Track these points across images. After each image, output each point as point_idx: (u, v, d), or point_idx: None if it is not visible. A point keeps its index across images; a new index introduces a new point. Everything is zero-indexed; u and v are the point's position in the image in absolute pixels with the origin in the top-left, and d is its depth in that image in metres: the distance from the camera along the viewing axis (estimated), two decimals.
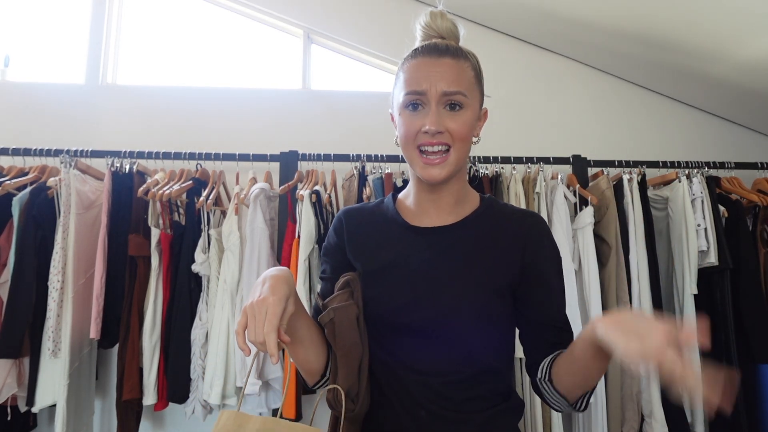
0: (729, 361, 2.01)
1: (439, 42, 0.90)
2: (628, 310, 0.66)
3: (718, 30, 2.14)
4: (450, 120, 0.85)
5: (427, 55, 0.87)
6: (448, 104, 0.85)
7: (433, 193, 0.92)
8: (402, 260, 0.91)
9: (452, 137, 0.85)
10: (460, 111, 0.86)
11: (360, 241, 0.96)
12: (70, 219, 1.97)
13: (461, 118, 0.85)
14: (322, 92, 2.76)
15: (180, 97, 2.65)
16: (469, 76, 0.88)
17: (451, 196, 0.92)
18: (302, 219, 1.98)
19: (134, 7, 2.86)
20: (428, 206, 0.94)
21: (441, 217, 0.93)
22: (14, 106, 2.58)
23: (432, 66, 0.86)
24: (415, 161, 0.87)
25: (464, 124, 0.85)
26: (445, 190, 0.92)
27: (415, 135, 0.85)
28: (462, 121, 0.85)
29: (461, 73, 0.86)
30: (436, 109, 0.84)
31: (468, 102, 0.86)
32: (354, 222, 0.99)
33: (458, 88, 0.85)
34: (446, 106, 0.85)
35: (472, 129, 0.88)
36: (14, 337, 1.86)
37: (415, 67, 0.87)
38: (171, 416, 2.35)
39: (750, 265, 2.07)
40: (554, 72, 2.77)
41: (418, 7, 2.77)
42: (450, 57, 0.87)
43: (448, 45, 0.89)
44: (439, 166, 0.85)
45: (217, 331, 1.97)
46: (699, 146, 2.71)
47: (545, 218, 2.07)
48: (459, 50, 0.89)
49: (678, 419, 1.98)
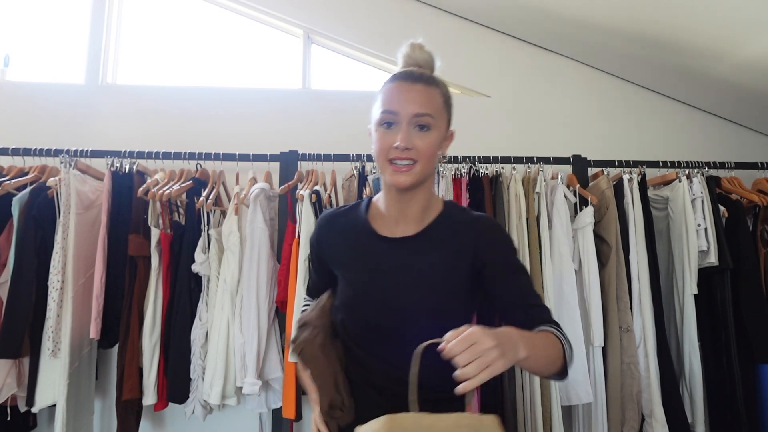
0: (729, 361, 2.01)
1: (415, 70, 1.02)
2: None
3: (719, 30, 2.14)
4: (418, 138, 0.97)
5: (402, 80, 1.00)
6: (418, 125, 0.97)
7: (400, 202, 1.04)
8: (372, 268, 1.04)
9: (419, 153, 0.96)
10: (427, 131, 0.98)
11: (334, 250, 1.10)
12: (70, 219, 1.96)
13: (428, 138, 0.98)
14: (322, 92, 2.76)
15: (180, 97, 2.65)
16: (438, 101, 1.00)
17: (417, 205, 1.04)
18: (302, 219, 1.98)
19: (134, 7, 2.86)
20: (397, 214, 1.05)
21: (408, 225, 1.05)
22: (14, 106, 2.58)
23: (406, 90, 0.98)
24: (385, 170, 0.99)
25: (430, 144, 0.98)
26: (413, 199, 1.03)
27: (388, 149, 0.97)
28: (429, 140, 0.97)
29: (431, 98, 0.99)
30: (407, 128, 0.96)
31: (435, 124, 0.98)
32: (328, 232, 1.12)
33: (427, 111, 0.97)
34: (416, 126, 0.97)
35: (437, 148, 1.00)
36: (14, 337, 1.86)
37: (391, 90, 0.99)
38: (171, 416, 2.35)
39: (750, 265, 2.07)
40: (554, 72, 2.77)
41: (417, 7, 2.78)
42: (422, 84, 0.99)
43: (422, 73, 1.01)
44: (405, 174, 0.97)
45: (217, 331, 1.97)
46: (699, 146, 2.71)
47: (545, 218, 2.08)
48: (431, 78, 1.02)
49: (678, 419, 1.98)
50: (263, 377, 1.95)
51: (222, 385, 1.93)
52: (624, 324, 2.01)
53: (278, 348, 2.01)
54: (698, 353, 2.05)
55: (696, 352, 2.04)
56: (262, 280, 1.96)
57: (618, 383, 1.98)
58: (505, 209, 2.10)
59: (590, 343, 2.01)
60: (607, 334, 2.01)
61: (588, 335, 2.01)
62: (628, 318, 2.02)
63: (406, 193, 1.02)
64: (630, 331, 2.01)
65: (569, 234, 2.07)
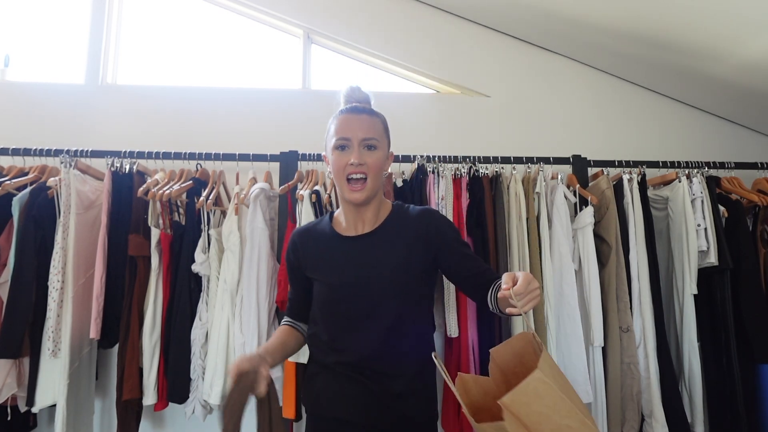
0: (729, 361, 2.01)
1: (358, 105, 1.26)
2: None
3: (719, 30, 2.14)
4: (368, 156, 1.21)
5: (350, 113, 1.24)
6: (366, 145, 1.21)
7: (357, 211, 1.27)
8: (341, 263, 1.26)
9: (369, 168, 1.21)
10: (374, 151, 1.22)
11: (309, 256, 1.31)
12: (70, 219, 1.96)
13: (375, 156, 1.22)
14: (322, 92, 2.75)
15: (180, 97, 2.65)
16: (380, 128, 1.25)
17: (369, 211, 1.27)
18: (302, 219, 1.98)
19: (134, 7, 2.86)
20: (354, 220, 1.29)
21: (365, 225, 1.28)
22: (14, 106, 2.58)
23: (354, 120, 1.22)
24: (344, 188, 1.22)
25: (378, 160, 1.22)
26: (365, 209, 1.27)
27: (344, 167, 1.21)
28: (376, 157, 1.22)
29: (374, 125, 1.24)
30: (358, 148, 1.20)
31: (379, 145, 1.23)
32: (301, 243, 1.33)
33: (373, 135, 1.22)
34: (365, 147, 1.21)
35: (383, 164, 1.24)
36: (14, 337, 1.86)
37: (342, 121, 1.23)
38: (171, 416, 2.35)
39: (750, 265, 2.07)
40: (554, 72, 2.77)
41: (417, 7, 2.78)
42: (366, 114, 1.24)
43: (365, 107, 1.27)
44: (359, 192, 1.21)
45: (217, 331, 1.97)
46: (699, 146, 2.71)
47: (545, 218, 2.08)
48: (372, 110, 1.27)
49: (678, 419, 1.98)
50: None
51: (222, 385, 1.93)
52: (624, 324, 2.02)
53: None
54: (698, 353, 2.05)
55: (696, 352, 2.04)
56: (262, 280, 1.96)
57: (618, 383, 1.99)
58: (505, 209, 2.10)
59: (590, 343, 2.01)
60: (607, 334, 2.01)
61: (588, 335, 2.01)
62: (628, 318, 2.02)
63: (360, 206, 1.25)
64: (630, 331, 2.01)
65: (569, 234, 2.07)
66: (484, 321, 2.00)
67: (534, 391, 0.86)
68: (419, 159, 2.19)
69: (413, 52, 2.76)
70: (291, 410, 1.93)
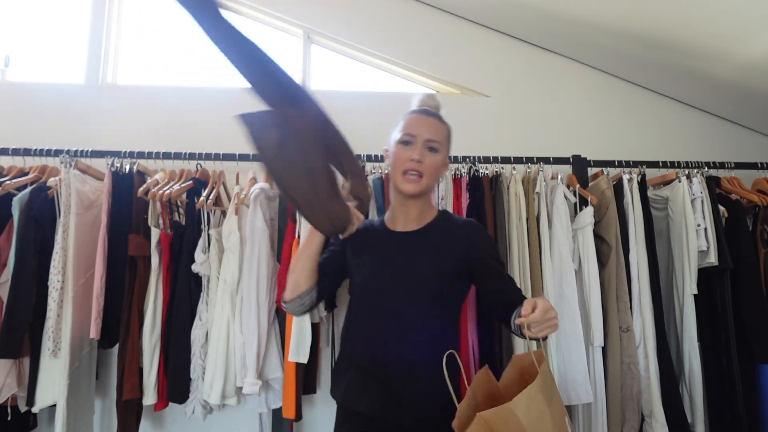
0: (729, 361, 2.01)
1: (429, 108, 1.35)
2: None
3: (719, 30, 2.14)
4: (428, 157, 1.29)
5: (421, 114, 1.33)
6: (429, 147, 1.29)
7: (405, 205, 1.35)
8: (382, 254, 1.33)
9: (426, 168, 1.28)
10: (435, 153, 1.30)
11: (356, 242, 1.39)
12: (70, 219, 1.96)
13: (435, 158, 1.30)
14: (322, 92, 2.73)
15: (180, 97, 2.65)
16: (444, 134, 1.33)
17: (416, 208, 1.35)
18: (302, 219, 1.98)
19: (134, 7, 2.86)
20: (402, 215, 1.36)
21: (409, 223, 1.36)
22: (14, 106, 2.58)
23: (423, 120, 1.31)
24: (398, 179, 1.30)
25: (436, 162, 1.30)
26: (412, 204, 1.34)
27: (404, 161, 1.28)
28: (435, 160, 1.30)
29: (440, 130, 1.32)
30: (421, 148, 1.28)
31: (441, 149, 1.31)
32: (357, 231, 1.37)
33: (437, 138, 1.30)
34: (427, 148, 1.29)
35: (439, 168, 1.32)
36: (14, 337, 1.86)
37: (411, 119, 1.32)
38: (171, 416, 2.35)
39: (750, 265, 2.07)
40: (554, 72, 2.77)
41: (417, 7, 2.78)
42: (435, 118, 1.33)
43: (435, 112, 1.36)
44: (413, 183, 1.28)
45: (217, 331, 1.97)
46: (699, 146, 2.71)
47: (545, 218, 2.08)
48: (441, 117, 1.36)
49: (678, 419, 1.98)
50: (263, 377, 1.95)
51: (222, 385, 1.93)
52: (624, 324, 2.02)
53: (278, 348, 2.01)
54: (698, 353, 2.05)
55: (696, 352, 2.04)
56: (262, 280, 1.96)
57: (618, 383, 1.99)
58: (505, 209, 2.10)
59: (590, 343, 2.01)
60: (607, 334, 2.01)
61: (588, 335, 2.01)
62: (628, 318, 2.02)
63: (409, 199, 1.32)
64: (630, 331, 2.01)
65: (569, 234, 2.07)
66: (484, 321, 2.00)
67: (504, 419, 0.99)
68: None
69: (413, 52, 2.76)
70: (291, 410, 1.93)
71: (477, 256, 1.29)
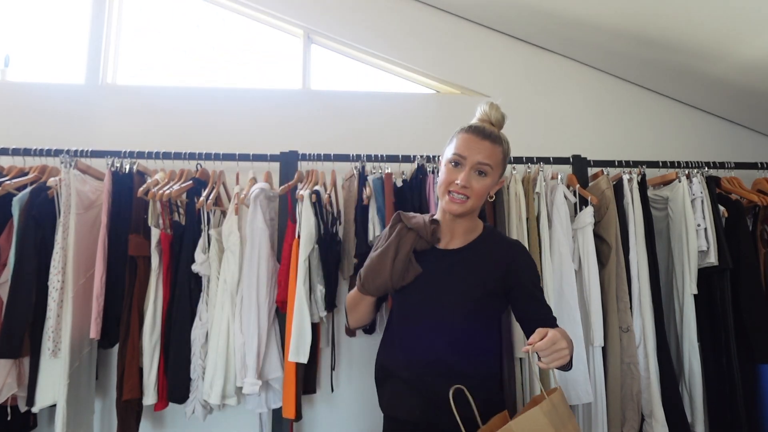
0: (729, 361, 2.01)
1: (486, 127, 1.30)
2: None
3: (718, 29, 2.14)
4: (475, 181, 1.26)
5: (475, 134, 1.28)
6: (478, 170, 1.26)
7: (451, 222, 1.34)
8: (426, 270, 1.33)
9: (473, 192, 1.26)
10: (484, 177, 1.27)
11: None
12: (70, 219, 1.96)
13: (483, 182, 1.27)
14: (322, 92, 2.76)
15: (180, 97, 2.65)
16: (498, 157, 1.29)
17: (462, 226, 1.34)
18: (302, 219, 1.98)
19: (134, 7, 2.86)
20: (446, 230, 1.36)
21: (454, 241, 1.36)
22: (14, 106, 2.58)
23: (475, 142, 1.27)
24: (443, 198, 1.30)
25: (484, 186, 1.28)
26: (458, 222, 1.34)
27: (450, 183, 1.27)
28: (483, 184, 1.27)
29: (494, 153, 1.28)
30: (469, 171, 1.25)
31: (491, 173, 1.28)
32: None
33: (488, 162, 1.26)
34: (476, 171, 1.26)
35: (488, 191, 1.30)
36: (14, 337, 1.86)
37: (464, 139, 1.28)
38: (171, 416, 2.35)
39: (750, 265, 2.07)
40: (554, 72, 2.77)
41: (417, 7, 2.78)
42: (490, 141, 1.28)
43: (492, 132, 1.29)
44: (458, 204, 1.27)
45: (217, 331, 1.97)
46: (699, 146, 2.71)
47: (545, 218, 2.08)
48: (497, 137, 1.30)
49: (678, 419, 1.98)
50: (263, 377, 1.95)
51: (222, 385, 1.93)
52: (624, 324, 2.02)
53: (278, 348, 2.01)
54: (698, 353, 2.05)
55: (696, 352, 2.04)
56: (262, 280, 1.96)
57: (618, 383, 1.99)
58: (505, 209, 2.10)
59: (590, 343, 2.01)
60: (607, 334, 2.01)
61: (588, 335, 2.01)
62: (628, 318, 2.02)
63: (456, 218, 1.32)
64: (630, 331, 2.01)
65: (569, 234, 2.07)
66: None
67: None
68: (419, 159, 2.19)
69: (413, 52, 2.76)
70: (291, 410, 1.93)
71: (517, 279, 1.30)
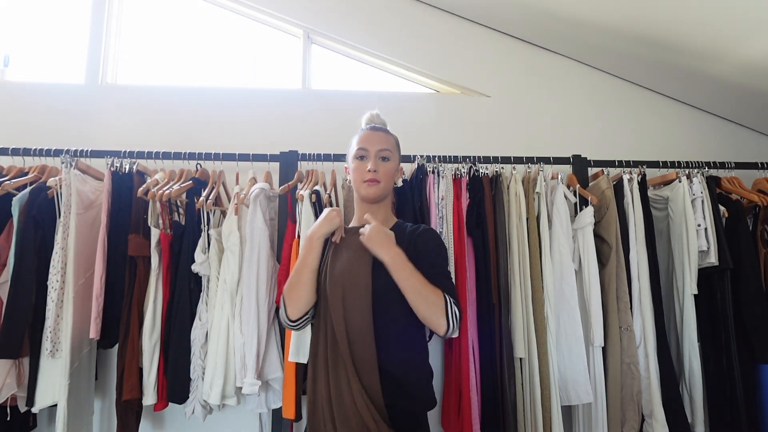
0: (729, 361, 2.01)
1: (376, 124, 1.51)
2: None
3: (719, 30, 2.14)
4: (381, 166, 1.43)
5: (371, 130, 1.48)
6: (381, 157, 1.43)
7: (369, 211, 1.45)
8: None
9: (382, 175, 1.42)
10: (387, 162, 1.44)
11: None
12: (70, 219, 1.96)
13: (388, 166, 1.44)
14: (322, 92, 2.75)
15: (180, 97, 2.65)
16: (392, 143, 1.48)
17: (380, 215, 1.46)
18: (302, 219, 1.98)
19: (134, 7, 2.86)
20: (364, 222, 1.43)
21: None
22: (14, 106, 2.58)
23: (373, 136, 1.46)
24: (360, 187, 1.44)
25: (390, 170, 1.45)
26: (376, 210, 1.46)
27: (362, 173, 1.42)
28: (388, 167, 1.44)
29: (389, 141, 1.47)
30: (374, 159, 1.42)
31: (392, 157, 1.46)
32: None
33: (387, 147, 1.45)
34: (380, 158, 1.43)
35: (393, 174, 1.47)
36: (14, 337, 1.86)
37: (364, 135, 1.47)
38: (171, 416, 2.35)
39: (750, 265, 2.07)
40: (554, 72, 2.77)
41: (417, 7, 2.78)
42: (383, 132, 1.48)
43: (382, 125, 1.52)
44: (374, 188, 1.41)
45: (217, 331, 1.97)
46: (699, 146, 2.71)
47: (545, 218, 2.08)
48: (387, 130, 1.51)
49: (678, 419, 1.98)
50: (263, 377, 1.95)
51: (222, 385, 1.93)
52: (624, 324, 2.01)
53: (278, 348, 2.01)
54: (698, 353, 2.05)
55: (696, 352, 2.04)
56: (262, 280, 1.96)
57: (618, 383, 1.98)
58: (505, 209, 2.10)
59: (590, 343, 2.01)
60: (607, 334, 2.01)
61: (588, 335, 2.01)
62: (628, 318, 2.02)
63: (372, 205, 1.45)
64: (630, 331, 2.01)
65: (569, 234, 2.07)
66: (485, 321, 2.00)
67: None
68: (419, 159, 2.19)
69: (413, 51, 2.76)
70: (291, 410, 1.93)
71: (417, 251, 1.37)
